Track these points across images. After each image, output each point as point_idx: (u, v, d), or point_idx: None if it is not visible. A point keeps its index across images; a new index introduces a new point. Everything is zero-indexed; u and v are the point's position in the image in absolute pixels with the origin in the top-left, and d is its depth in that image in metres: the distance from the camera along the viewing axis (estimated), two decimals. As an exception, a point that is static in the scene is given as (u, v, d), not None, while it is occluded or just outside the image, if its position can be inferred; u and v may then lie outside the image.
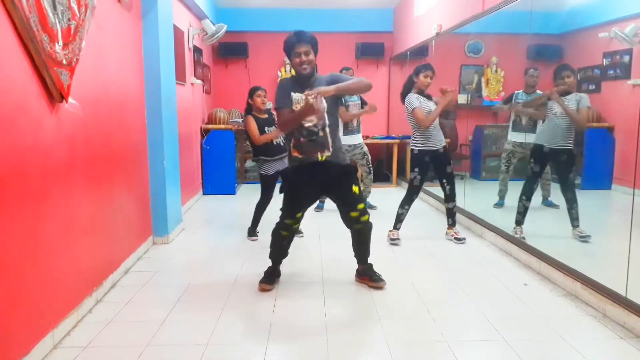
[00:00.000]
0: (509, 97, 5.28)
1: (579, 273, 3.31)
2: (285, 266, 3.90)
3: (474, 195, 5.74)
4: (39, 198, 2.47)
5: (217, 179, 7.02)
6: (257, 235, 4.74)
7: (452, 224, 4.72)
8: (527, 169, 4.39)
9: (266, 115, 4.59)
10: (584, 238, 4.04)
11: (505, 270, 3.84)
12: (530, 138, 4.91)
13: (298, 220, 3.38)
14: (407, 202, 4.64)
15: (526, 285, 3.51)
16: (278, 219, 3.39)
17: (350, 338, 2.75)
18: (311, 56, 3.15)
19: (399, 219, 4.66)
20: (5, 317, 2.18)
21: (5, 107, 2.19)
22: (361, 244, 3.48)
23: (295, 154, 3.17)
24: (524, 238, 4.17)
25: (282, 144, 4.52)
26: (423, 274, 3.77)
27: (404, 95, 4.55)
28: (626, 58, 4.45)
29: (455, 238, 4.61)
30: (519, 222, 4.29)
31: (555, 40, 5.64)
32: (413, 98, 4.42)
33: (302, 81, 3.19)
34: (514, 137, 5.23)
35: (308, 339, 2.71)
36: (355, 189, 3.30)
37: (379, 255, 4.18)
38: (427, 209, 6.25)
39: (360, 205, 3.33)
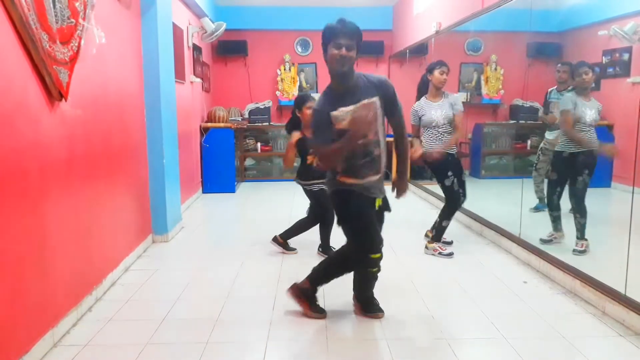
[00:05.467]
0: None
1: (578, 271, 3.31)
2: (285, 265, 3.90)
3: (473, 194, 5.72)
4: (38, 196, 2.47)
5: (216, 178, 7.02)
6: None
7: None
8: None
9: None
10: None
11: (505, 268, 3.84)
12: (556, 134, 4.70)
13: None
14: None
15: (526, 283, 3.51)
16: (354, 258, 2.88)
17: (350, 336, 2.75)
18: (352, 52, 2.59)
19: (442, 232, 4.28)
20: (6, 315, 2.18)
21: (4, 106, 2.18)
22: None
23: (349, 179, 2.69)
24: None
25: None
26: (422, 271, 3.77)
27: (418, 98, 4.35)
28: (625, 56, 4.45)
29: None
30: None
31: (554, 38, 5.63)
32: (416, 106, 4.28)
33: (342, 90, 2.64)
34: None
35: (308, 337, 2.71)
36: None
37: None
38: (425, 207, 6.25)
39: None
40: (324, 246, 4.12)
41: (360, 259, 2.85)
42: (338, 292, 3.22)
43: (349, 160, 2.65)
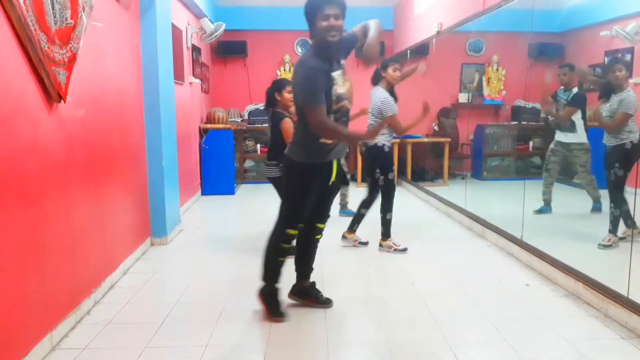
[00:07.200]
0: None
1: (580, 273, 3.29)
2: (286, 268, 3.87)
3: (475, 195, 5.72)
4: (37, 199, 2.45)
5: (216, 179, 6.99)
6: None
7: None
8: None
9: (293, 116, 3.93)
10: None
11: (507, 270, 3.82)
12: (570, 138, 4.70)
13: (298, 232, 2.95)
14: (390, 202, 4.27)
15: (528, 285, 3.49)
16: (273, 232, 2.95)
17: (351, 340, 2.73)
18: (341, 22, 2.58)
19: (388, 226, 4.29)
20: (4, 318, 2.16)
21: (2, 107, 2.16)
22: (312, 256, 3.16)
23: (326, 140, 2.72)
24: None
25: None
26: (424, 274, 3.75)
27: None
28: (628, 56, 4.44)
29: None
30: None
31: (556, 39, 5.62)
32: (391, 101, 4.08)
33: (329, 54, 2.64)
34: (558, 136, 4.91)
35: (308, 341, 2.70)
36: None
37: (379, 254, 4.17)
38: (427, 209, 6.23)
39: (327, 218, 3.12)
40: None
41: (281, 232, 2.89)
42: (339, 295, 3.20)
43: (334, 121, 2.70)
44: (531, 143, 6.89)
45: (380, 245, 4.28)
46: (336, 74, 2.66)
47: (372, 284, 3.53)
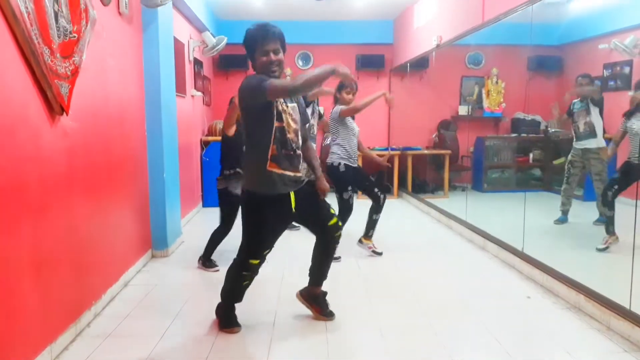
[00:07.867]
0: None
1: (582, 285, 3.28)
2: (286, 281, 3.86)
3: (475, 207, 5.72)
4: (38, 210, 2.45)
5: (217, 191, 6.97)
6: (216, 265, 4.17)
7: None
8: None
9: None
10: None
11: (508, 282, 3.81)
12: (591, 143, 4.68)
13: (264, 259, 2.89)
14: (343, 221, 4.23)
15: (529, 298, 3.48)
16: (237, 257, 2.89)
17: (351, 351, 2.72)
18: (281, 55, 2.64)
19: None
20: (4, 330, 2.16)
21: (5, 119, 2.18)
22: (328, 264, 3.06)
23: (274, 168, 2.67)
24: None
25: None
26: (425, 286, 3.73)
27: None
28: (626, 69, 4.47)
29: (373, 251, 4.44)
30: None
31: (555, 52, 5.67)
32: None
33: None
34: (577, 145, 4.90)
35: (308, 355, 2.68)
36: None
37: (380, 265, 4.16)
38: (427, 221, 6.22)
39: (333, 210, 2.98)
40: (207, 256, 4.16)
41: (242, 260, 2.84)
42: (339, 305, 3.19)
43: (279, 147, 2.65)
44: (531, 155, 6.91)
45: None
46: (287, 103, 2.70)
47: (372, 295, 3.51)
